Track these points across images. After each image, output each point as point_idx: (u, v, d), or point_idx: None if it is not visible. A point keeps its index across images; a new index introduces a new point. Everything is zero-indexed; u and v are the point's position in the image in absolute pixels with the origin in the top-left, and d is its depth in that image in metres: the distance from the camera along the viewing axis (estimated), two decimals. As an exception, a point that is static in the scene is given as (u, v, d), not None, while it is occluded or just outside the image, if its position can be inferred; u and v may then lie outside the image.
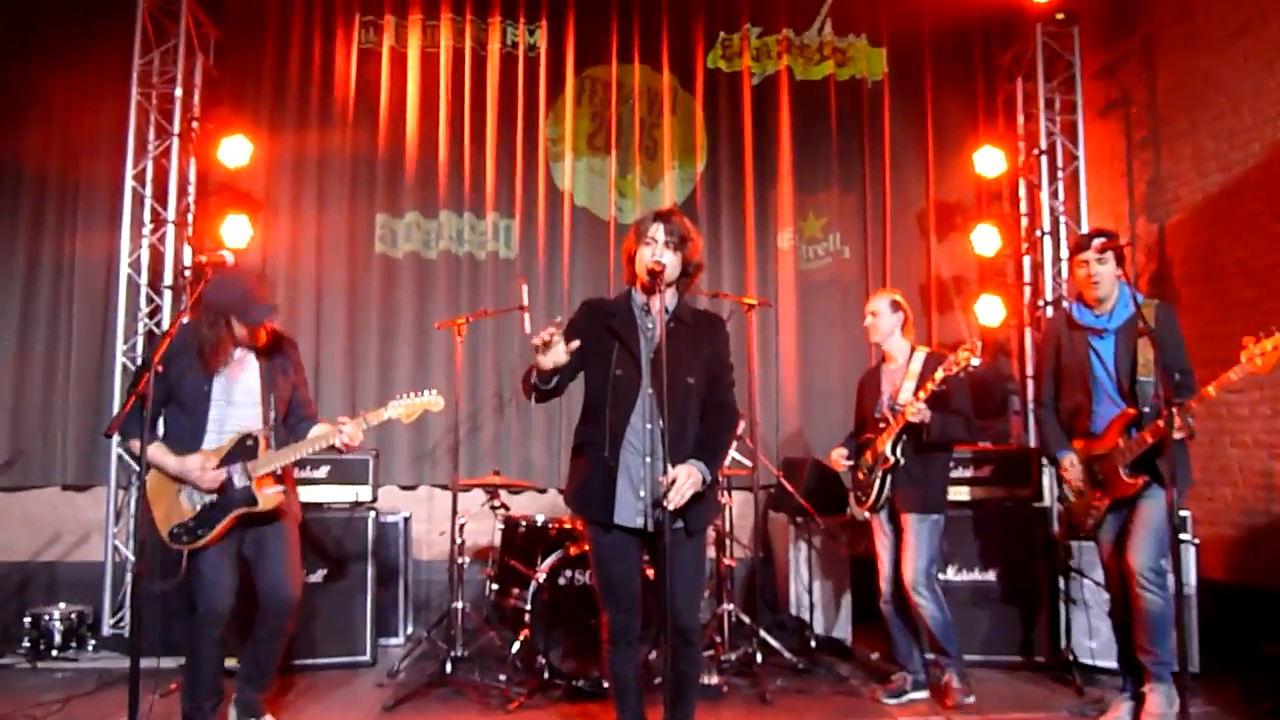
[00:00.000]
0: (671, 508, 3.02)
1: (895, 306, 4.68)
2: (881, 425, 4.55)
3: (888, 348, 4.72)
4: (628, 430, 3.21)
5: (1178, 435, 3.59)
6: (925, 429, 4.38)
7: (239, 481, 3.60)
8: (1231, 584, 5.42)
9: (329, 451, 3.86)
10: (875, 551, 4.73)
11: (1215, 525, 5.60)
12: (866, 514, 4.71)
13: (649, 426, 3.19)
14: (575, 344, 3.11)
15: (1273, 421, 5.27)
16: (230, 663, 3.94)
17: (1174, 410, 3.36)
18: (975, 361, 4.17)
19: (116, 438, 5.85)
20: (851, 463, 4.74)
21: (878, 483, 4.54)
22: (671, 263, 3.24)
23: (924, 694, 4.59)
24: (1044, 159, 6.74)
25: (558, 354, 3.06)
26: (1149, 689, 3.93)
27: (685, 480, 3.05)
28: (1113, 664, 4.52)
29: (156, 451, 3.61)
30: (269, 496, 3.64)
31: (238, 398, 3.74)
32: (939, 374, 4.27)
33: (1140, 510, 3.94)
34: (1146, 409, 3.89)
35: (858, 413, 4.91)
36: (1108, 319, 4.05)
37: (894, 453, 4.46)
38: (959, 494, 5.38)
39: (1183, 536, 4.74)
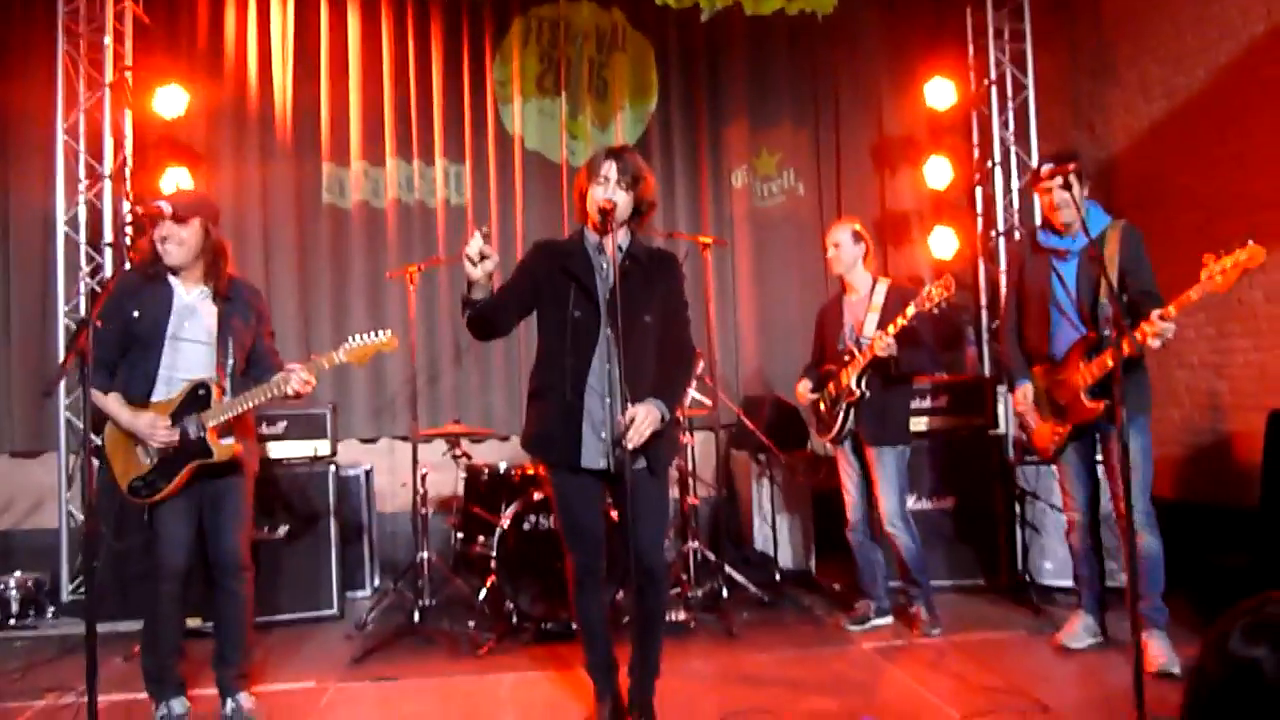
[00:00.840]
0: (631, 447, 3.02)
1: (857, 237, 4.66)
2: (846, 358, 4.55)
3: (850, 279, 4.71)
4: (589, 372, 3.19)
5: (1155, 345, 3.60)
6: (893, 363, 4.39)
7: (193, 432, 3.48)
8: (1179, 502, 5.58)
9: (287, 404, 3.78)
10: (840, 482, 4.76)
11: (1164, 445, 5.72)
12: (829, 445, 4.75)
13: (608, 367, 3.16)
14: (492, 257, 2.98)
15: (1217, 342, 5.39)
16: (193, 622, 3.89)
17: (1123, 331, 3.34)
18: (947, 297, 4.15)
19: (64, 399, 5.74)
20: (815, 395, 4.76)
21: (841, 415, 4.57)
22: (623, 201, 3.19)
23: (887, 620, 4.69)
24: (994, 89, 6.75)
25: (489, 265, 2.97)
26: (1149, 635, 3.84)
27: (644, 419, 3.04)
28: (1068, 583, 4.64)
29: (113, 403, 3.51)
30: (224, 447, 3.52)
31: (188, 338, 3.58)
32: (910, 309, 4.24)
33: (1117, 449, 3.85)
34: (1106, 332, 3.87)
35: (817, 343, 4.91)
36: (1072, 241, 4.03)
37: (859, 386, 4.48)
38: (917, 425, 5.44)
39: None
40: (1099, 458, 4.20)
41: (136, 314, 3.54)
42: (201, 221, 3.61)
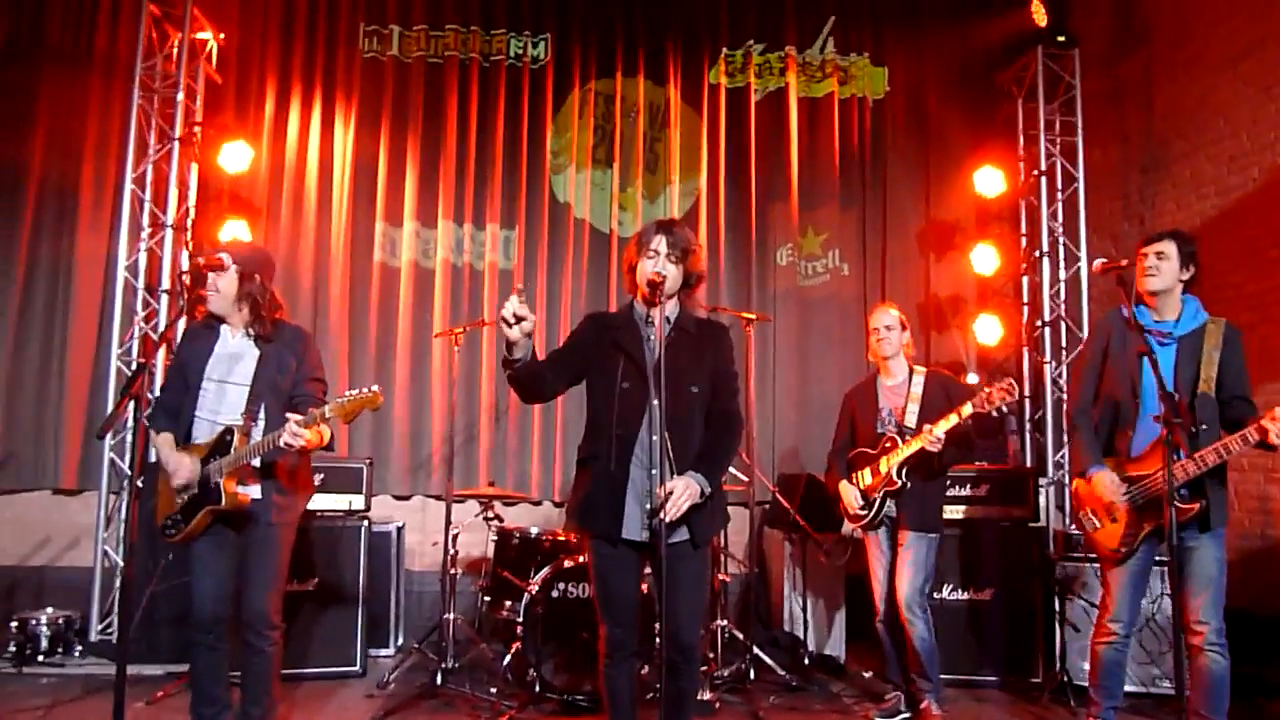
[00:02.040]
0: (667, 520, 2.99)
1: (902, 323, 4.67)
2: (887, 444, 4.49)
3: (890, 364, 4.69)
4: (635, 443, 3.19)
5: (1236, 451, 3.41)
6: (937, 457, 4.34)
7: (213, 478, 3.50)
8: (1227, 609, 5.39)
9: (325, 457, 3.79)
10: (870, 570, 4.67)
11: (1211, 549, 5.58)
12: (859, 532, 4.69)
13: (653, 438, 3.16)
14: (528, 318, 2.95)
15: (1270, 446, 5.26)
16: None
17: (1237, 433, 3.18)
18: (1010, 403, 4.09)
19: (109, 439, 5.84)
20: (862, 504, 4.60)
21: (878, 502, 4.51)
22: (672, 274, 3.22)
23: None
24: (1044, 180, 6.76)
25: (526, 326, 2.96)
26: None
27: (682, 492, 3.03)
28: None
29: (162, 443, 3.60)
30: (232, 495, 3.47)
31: (233, 381, 3.63)
32: (967, 409, 4.19)
33: (1196, 559, 3.64)
34: (1204, 426, 3.59)
35: (845, 427, 4.82)
36: (1174, 324, 3.73)
37: (900, 476, 4.42)
38: (956, 512, 5.38)
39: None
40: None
41: (186, 359, 3.67)
42: (238, 269, 3.66)
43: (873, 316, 4.78)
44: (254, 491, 3.57)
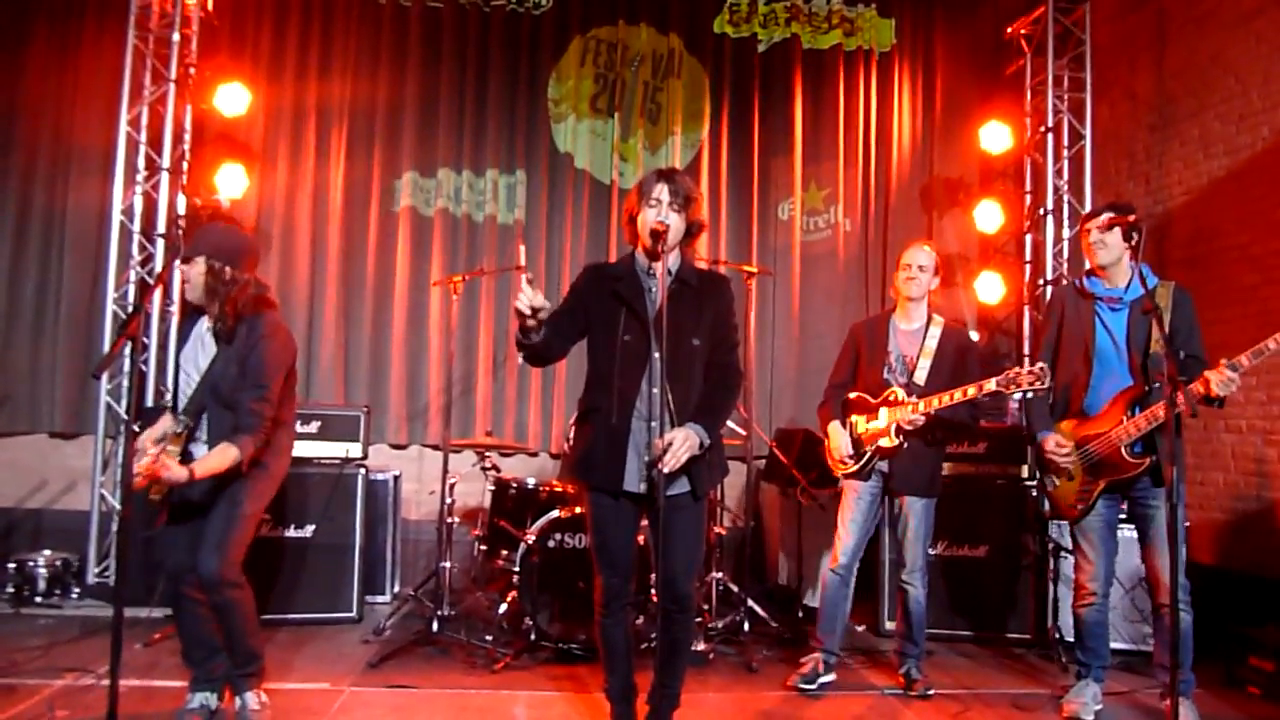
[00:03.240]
0: (666, 470, 2.99)
1: (937, 267, 4.41)
2: (890, 397, 4.24)
3: (912, 307, 4.41)
4: (637, 396, 3.17)
5: (1180, 410, 3.38)
6: (934, 430, 4.23)
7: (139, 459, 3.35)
8: (1219, 568, 5.44)
9: (322, 405, 3.77)
10: (840, 517, 4.38)
11: (1206, 510, 5.61)
12: (841, 478, 4.44)
13: (654, 391, 3.14)
14: (542, 302, 2.99)
15: (1268, 407, 5.26)
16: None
17: (1179, 386, 3.19)
18: (1038, 390, 3.88)
19: (105, 383, 5.82)
20: (851, 452, 4.36)
21: (869, 454, 4.29)
22: (675, 223, 3.19)
23: (833, 676, 4.41)
24: (1050, 136, 6.68)
25: (542, 315, 3.00)
26: (1185, 703, 3.73)
27: (681, 444, 3.02)
28: None
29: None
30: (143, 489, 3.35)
31: (191, 369, 3.59)
32: (990, 384, 3.94)
33: (1156, 520, 3.81)
34: (1156, 384, 3.74)
35: (847, 361, 4.52)
36: (1124, 290, 3.91)
37: (898, 436, 4.20)
38: (954, 470, 5.39)
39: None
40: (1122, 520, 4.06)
41: (179, 337, 3.73)
42: (206, 260, 3.50)
43: (907, 252, 4.43)
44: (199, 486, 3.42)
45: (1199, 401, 3.64)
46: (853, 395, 4.42)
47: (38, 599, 5.42)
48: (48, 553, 5.61)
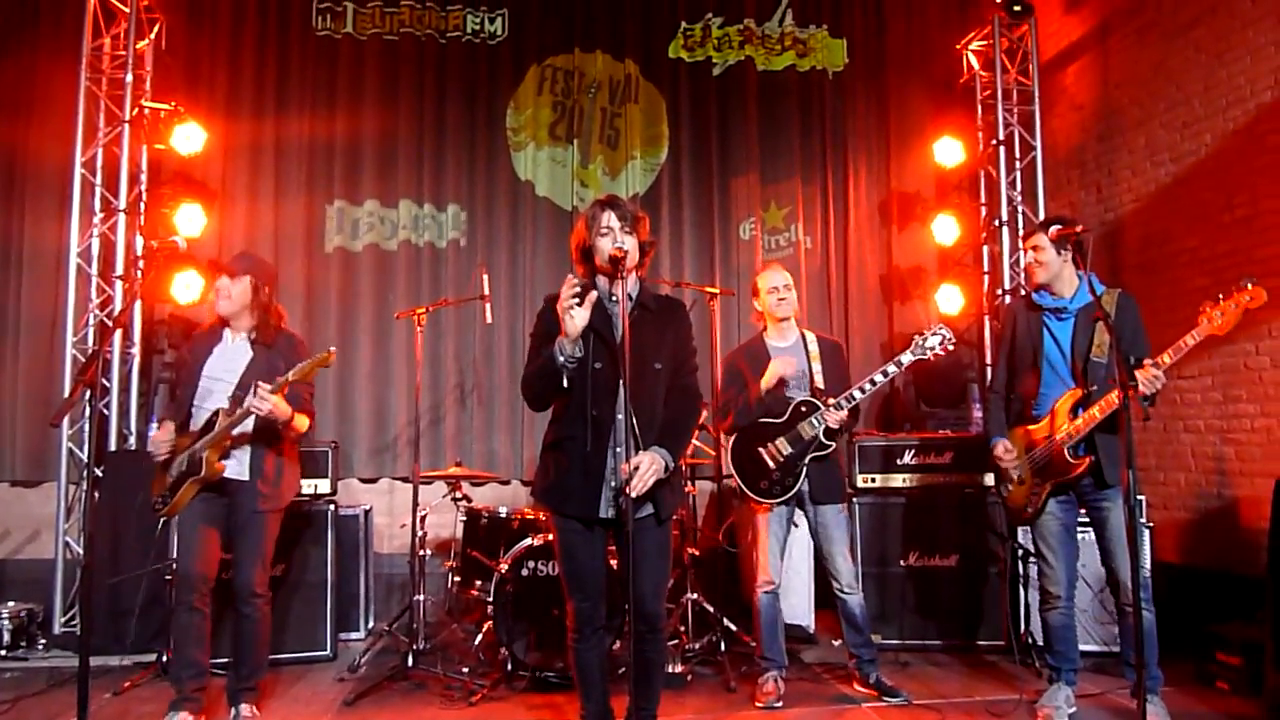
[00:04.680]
0: (634, 495, 3.00)
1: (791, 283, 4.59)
2: (803, 409, 4.34)
3: (783, 326, 4.54)
4: (612, 424, 3.19)
5: (1115, 404, 3.65)
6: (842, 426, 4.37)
7: (198, 453, 3.79)
8: (1185, 566, 5.52)
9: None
10: (760, 543, 4.44)
11: (1169, 509, 5.70)
12: (757, 501, 4.45)
13: (619, 416, 3.16)
14: (594, 295, 3.11)
15: (1224, 407, 5.37)
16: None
17: (1129, 390, 3.32)
18: (939, 345, 4.19)
19: (66, 428, 5.75)
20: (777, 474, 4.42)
21: (802, 474, 4.37)
22: (632, 246, 3.23)
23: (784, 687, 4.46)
24: (1002, 149, 6.80)
25: (583, 314, 3.04)
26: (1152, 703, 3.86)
27: (648, 468, 3.03)
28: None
29: (161, 427, 3.98)
30: (210, 464, 3.78)
31: (222, 379, 3.94)
32: (906, 356, 4.24)
33: (1112, 520, 3.94)
34: (1095, 387, 3.90)
35: (736, 389, 4.55)
36: (1069, 300, 4.07)
37: (829, 440, 4.35)
38: (921, 480, 5.45)
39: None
40: (1081, 524, 4.19)
41: (190, 357, 4.03)
42: (251, 280, 4.00)
43: (766, 277, 4.56)
44: (234, 465, 3.88)
45: (1140, 403, 3.70)
46: (757, 422, 4.46)
47: (2, 651, 5.31)
48: (12, 604, 5.50)
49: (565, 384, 3.13)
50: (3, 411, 6.18)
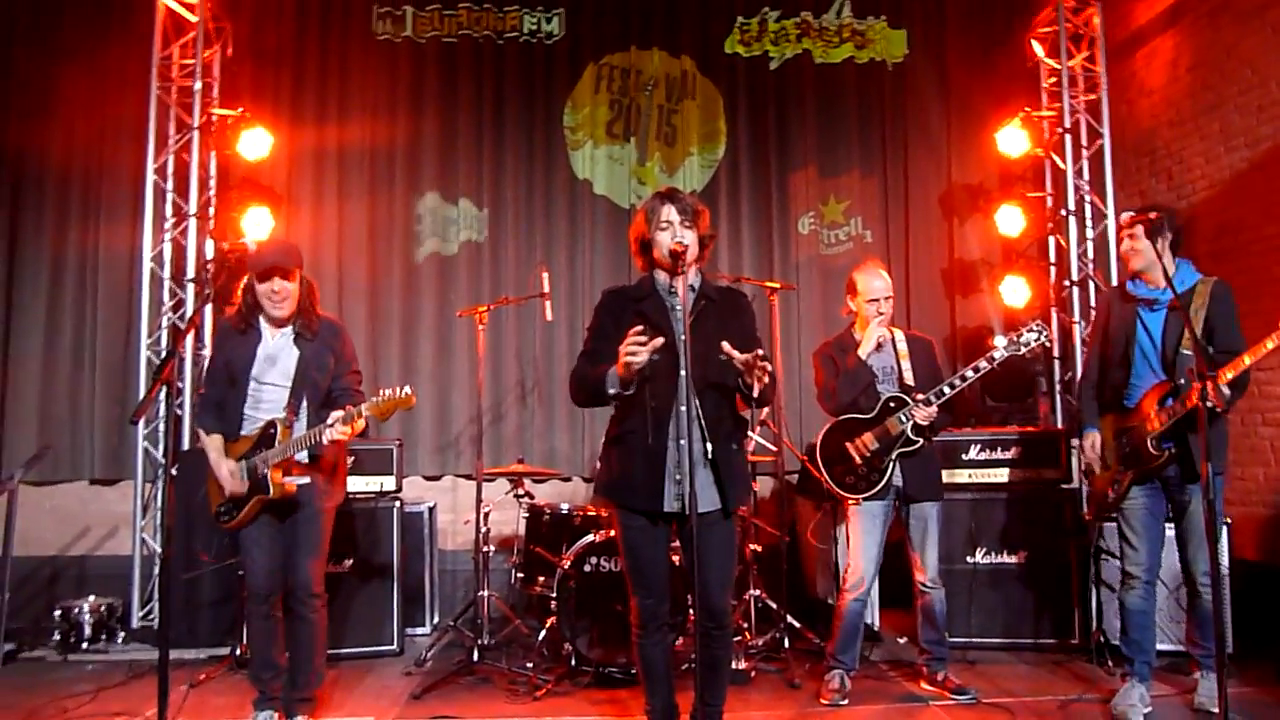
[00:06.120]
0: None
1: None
2: (891, 404, 4.31)
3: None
4: (670, 416, 3.18)
5: (1210, 404, 3.47)
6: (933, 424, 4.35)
7: (260, 469, 3.72)
8: (1265, 564, 5.35)
9: (354, 440, 3.91)
10: (854, 542, 4.38)
11: (1247, 505, 5.52)
12: (849, 500, 4.40)
13: (682, 409, 3.15)
14: (659, 341, 3.03)
15: (1306, 399, 5.19)
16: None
17: (1207, 382, 3.28)
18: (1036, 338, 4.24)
19: (143, 428, 5.92)
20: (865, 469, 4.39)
21: (889, 468, 4.31)
22: (691, 240, 3.22)
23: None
24: (1068, 137, 6.64)
25: (644, 358, 3.01)
26: (1200, 675, 4.09)
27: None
28: None
29: (211, 445, 3.83)
30: (278, 485, 3.69)
31: (270, 381, 3.84)
32: (999, 350, 4.23)
33: (1190, 512, 3.95)
34: (1182, 380, 3.85)
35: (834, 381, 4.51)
36: (1161, 291, 3.99)
37: (917, 436, 4.29)
38: (988, 476, 5.36)
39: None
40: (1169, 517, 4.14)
41: (229, 360, 3.85)
42: (300, 272, 3.88)
43: (867, 280, 4.48)
44: (300, 480, 3.79)
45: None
46: (844, 418, 4.43)
47: (84, 645, 5.48)
48: (92, 598, 5.68)
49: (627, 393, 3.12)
50: (81, 412, 6.38)
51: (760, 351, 3.02)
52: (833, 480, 4.41)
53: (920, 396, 4.28)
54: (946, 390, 4.24)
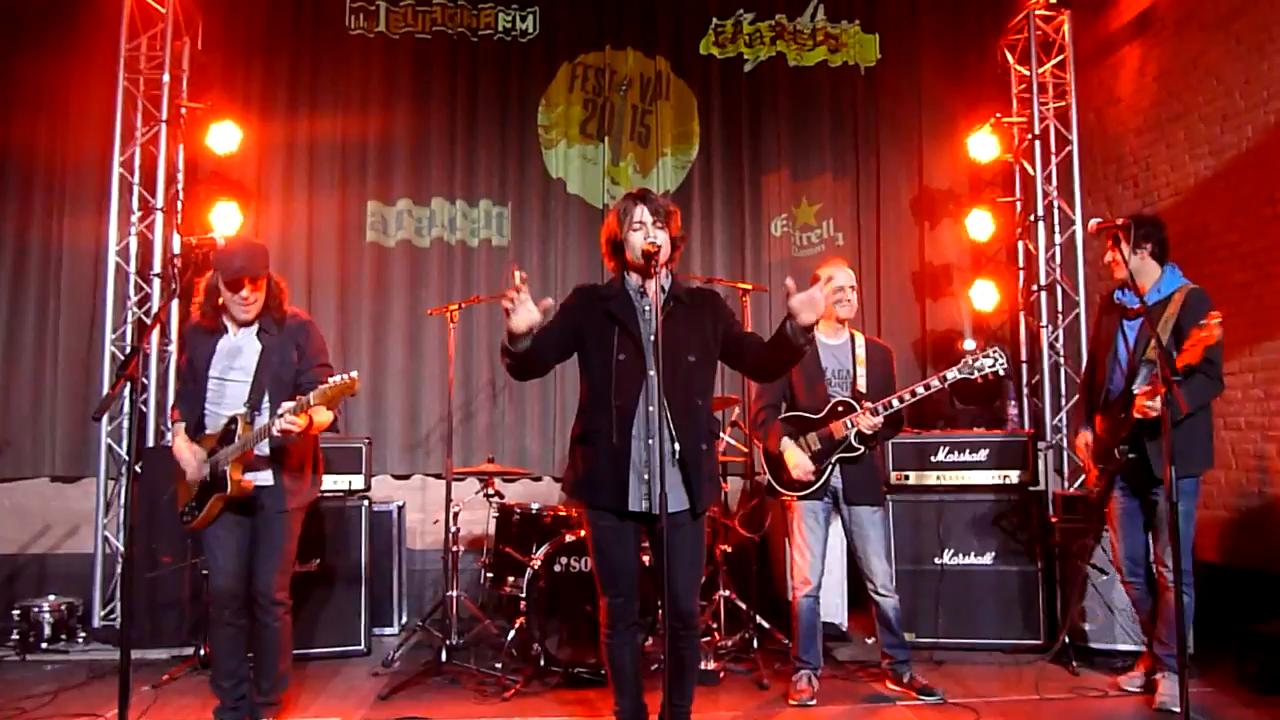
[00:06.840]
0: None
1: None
2: (839, 409, 4.34)
3: (836, 324, 4.51)
4: (635, 416, 3.18)
5: (1153, 413, 3.82)
6: (879, 433, 4.36)
7: (219, 466, 3.62)
8: (1226, 566, 5.44)
9: (323, 438, 3.85)
10: (797, 542, 4.40)
11: (1210, 508, 5.60)
12: (788, 497, 4.42)
13: (650, 409, 3.16)
14: (547, 301, 2.99)
15: (1265, 404, 5.28)
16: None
17: (1168, 388, 3.48)
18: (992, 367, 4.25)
19: (106, 425, 5.83)
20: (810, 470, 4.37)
21: (828, 470, 4.34)
22: (663, 240, 3.22)
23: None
24: (1038, 143, 6.72)
25: (529, 313, 2.95)
26: (1162, 676, 4.16)
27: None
28: (1109, 646, 4.90)
29: (177, 433, 3.77)
30: (235, 482, 3.57)
31: (232, 378, 3.76)
32: (952, 373, 4.24)
33: (1158, 511, 4.12)
34: (1134, 388, 4.07)
35: (779, 384, 4.48)
36: (1137, 299, 4.06)
37: (860, 443, 4.31)
38: (956, 478, 5.40)
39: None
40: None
41: (192, 357, 3.78)
42: (268, 275, 3.78)
43: (832, 272, 4.19)
44: (260, 478, 3.69)
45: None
46: (791, 415, 4.46)
47: (44, 645, 5.39)
48: (52, 598, 5.59)
49: (518, 350, 3.05)
50: (43, 408, 6.27)
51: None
52: (772, 476, 4.48)
53: (869, 406, 4.28)
54: (895, 404, 4.28)
